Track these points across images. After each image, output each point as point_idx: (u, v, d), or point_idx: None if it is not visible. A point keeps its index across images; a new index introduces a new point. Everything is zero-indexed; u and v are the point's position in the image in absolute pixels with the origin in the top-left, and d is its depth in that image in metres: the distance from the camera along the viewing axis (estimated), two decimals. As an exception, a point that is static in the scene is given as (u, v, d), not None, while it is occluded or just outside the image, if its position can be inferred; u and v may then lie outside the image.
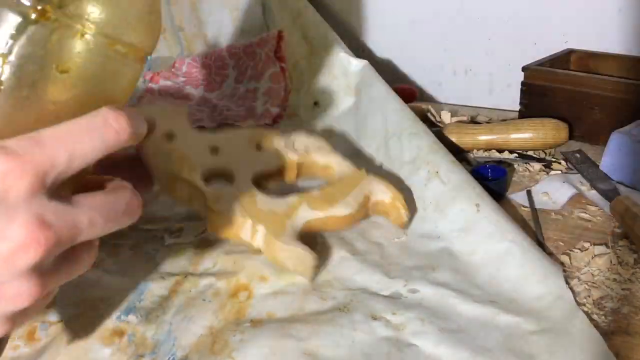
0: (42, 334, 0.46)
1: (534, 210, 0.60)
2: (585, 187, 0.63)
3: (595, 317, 0.45)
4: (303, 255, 0.48)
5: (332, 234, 0.56)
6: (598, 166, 0.65)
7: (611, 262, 0.50)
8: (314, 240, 0.53)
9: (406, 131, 0.64)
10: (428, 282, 0.49)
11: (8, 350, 0.45)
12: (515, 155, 0.72)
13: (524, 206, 0.61)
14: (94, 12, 0.28)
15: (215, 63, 0.90)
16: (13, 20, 0.26)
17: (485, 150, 0.73)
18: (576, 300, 0.45)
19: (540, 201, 0.61)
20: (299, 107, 0.81)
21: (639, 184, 0.62)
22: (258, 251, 0.54)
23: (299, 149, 0.59)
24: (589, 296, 0.47)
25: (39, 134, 0.27)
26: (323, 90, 0.79)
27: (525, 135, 0.71)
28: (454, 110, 0.88)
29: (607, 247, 0.53)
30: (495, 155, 0.72)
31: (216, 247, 0.56)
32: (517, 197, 0.62)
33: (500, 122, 0.74)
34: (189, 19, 0.96)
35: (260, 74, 0.86)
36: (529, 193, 0.63)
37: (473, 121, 0.85)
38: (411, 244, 0.54)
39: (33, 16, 0.27)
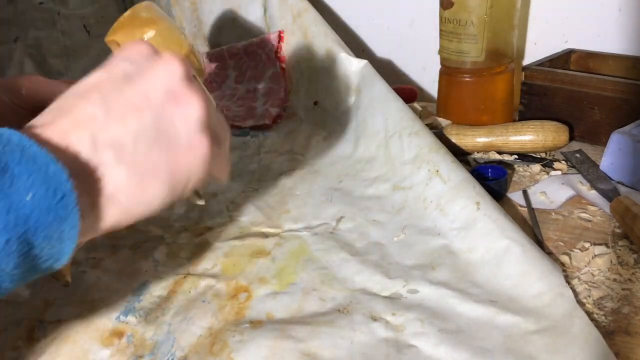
0: (40, 334, 0.46)
1: (530, 209, 0.60)
2: (585, 187, 0.63)
3: (595, 317, 0.45)
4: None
5: (331, 236, 0.56)
6: (598, 166, 0.65)
7: (611, 262, 0.50)
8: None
9: (406, 130, 0.64)
10: (428, 281, 0.49)
11: (8, 351, 0.45)
12: (515, 157, 0.71)
13: (523, 206, 0.61)
14: None
15: (215, 63, 0.90)
16: None
17: (485, 152, 0.73)
18: (576, 300, 0.45)
19: (537, 201, 0.61)
20: (299, 107, 0.81)
21: (639, 184, 0.61)
22: (258, 254, 0.54)
23: None
24: (589, 296, 0.47)
25: None
26: (323, 90, 0.79)
27: (525, 137, 0.71)
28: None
29: (607, 247, 0.52)
30: (495, 156, 0.72)
31: (216, 248, 0.56)
32: (517, 197, 0.62)
33: (500, 124, 0.74)
34: (190, 20, 0.96)
35: (260, 74, 0.86)
36: (524, 193, 0.63)
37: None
38: (411, 242, 0.54)
39: None
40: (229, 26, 0.93)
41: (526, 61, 0.88)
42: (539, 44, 0.87)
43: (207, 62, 0.90)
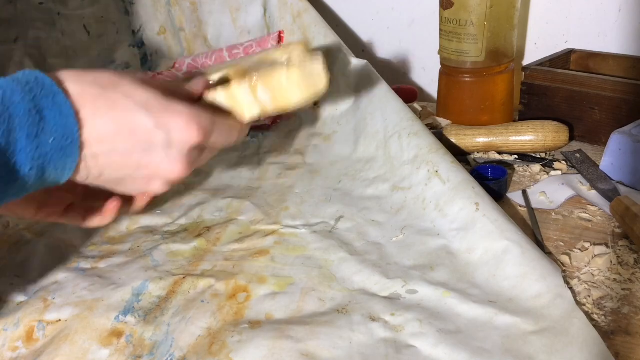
0: (40, 334, 0.46)
1: (530, 209, 0.60)
2: (585, 187, 0.63)
3: (595, 317, 0.45)
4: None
5: (330, 235, 0.56)
6: (598, 166, 0.65)
7: (611, 262, 0.50)
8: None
9: (406, 131, 0.64)
10: (427, 282, 0.49)
11: (7, 351, 0.45)
12: (515, 157, 0.71)
13: (523, 206, 0.61)
14: None
15: (215, 63, 0.90)
16: None
17: (485, 152, 0.73)
18: (576, 301, 0.45)
19: (537, 201, 0.61)
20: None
21: (639, 184, 0.61)
22: (257, 254, 0.54)
23: None
24: (589, 296, 0.47)
25: None
26: (323, 90, 0.79)
27: (525, 137, 0.71)
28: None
29: (607, 247, 0.52)
30: (495, 156, 0.72)
31: (215, 249, 0.56)
32: (517, 198, 0.62)
33: (500, 124, 0.74)
34: (190, 20, 0.96)
35: (260, 74, 0.86)
36: (524, 193, 0.63)
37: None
38: (410, 242, 0.54)
39: None
40: (229, 26, 0.93)
41: (526, 61, 0.88)
42: (539, 44, 0.87)
43: (207, 62, 0.90)
